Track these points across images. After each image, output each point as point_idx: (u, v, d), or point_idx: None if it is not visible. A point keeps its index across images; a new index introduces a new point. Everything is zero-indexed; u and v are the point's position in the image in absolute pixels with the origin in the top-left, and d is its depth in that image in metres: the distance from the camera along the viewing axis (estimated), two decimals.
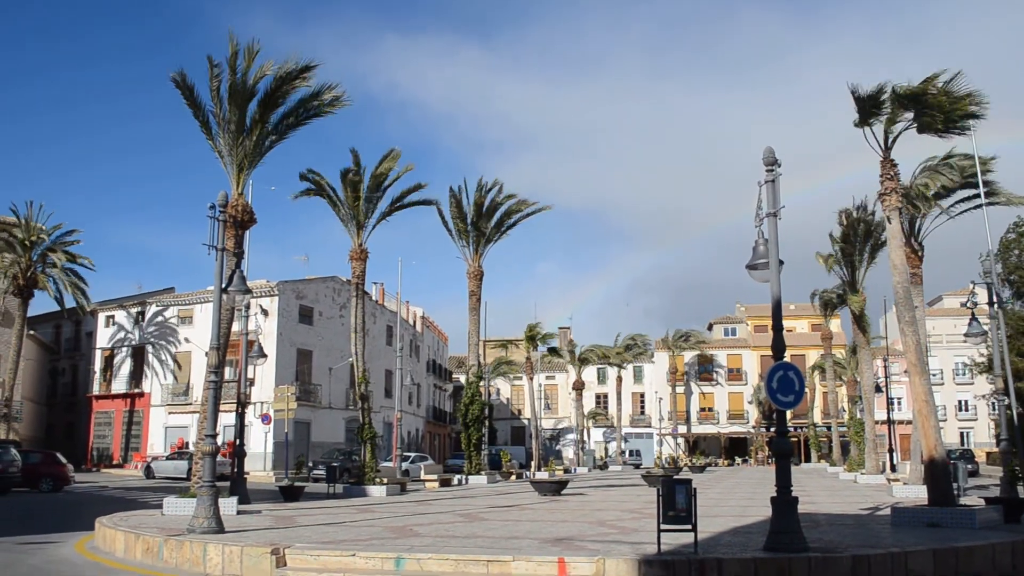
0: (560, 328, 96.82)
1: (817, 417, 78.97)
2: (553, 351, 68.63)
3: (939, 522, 15.25)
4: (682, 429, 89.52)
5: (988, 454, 69.24)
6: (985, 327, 23.65)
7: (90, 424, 59.53)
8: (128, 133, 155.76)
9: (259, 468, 46.87)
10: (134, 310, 59.36)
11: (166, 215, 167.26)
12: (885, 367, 48.68)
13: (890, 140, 17.85)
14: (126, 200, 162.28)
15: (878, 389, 43.60)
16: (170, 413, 55.09)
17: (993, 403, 56.95)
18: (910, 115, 17.44)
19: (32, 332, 60.18)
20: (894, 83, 17.04)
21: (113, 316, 60.41)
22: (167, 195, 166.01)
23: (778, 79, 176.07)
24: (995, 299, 22.95)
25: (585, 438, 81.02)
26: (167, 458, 46.41)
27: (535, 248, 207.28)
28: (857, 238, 36.24)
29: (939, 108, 17.02)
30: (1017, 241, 56.32)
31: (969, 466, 36.47)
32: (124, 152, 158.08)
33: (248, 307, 28.80)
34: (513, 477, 44.42)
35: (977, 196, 24.31)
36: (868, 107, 17.25)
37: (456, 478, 38.57)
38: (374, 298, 67.17)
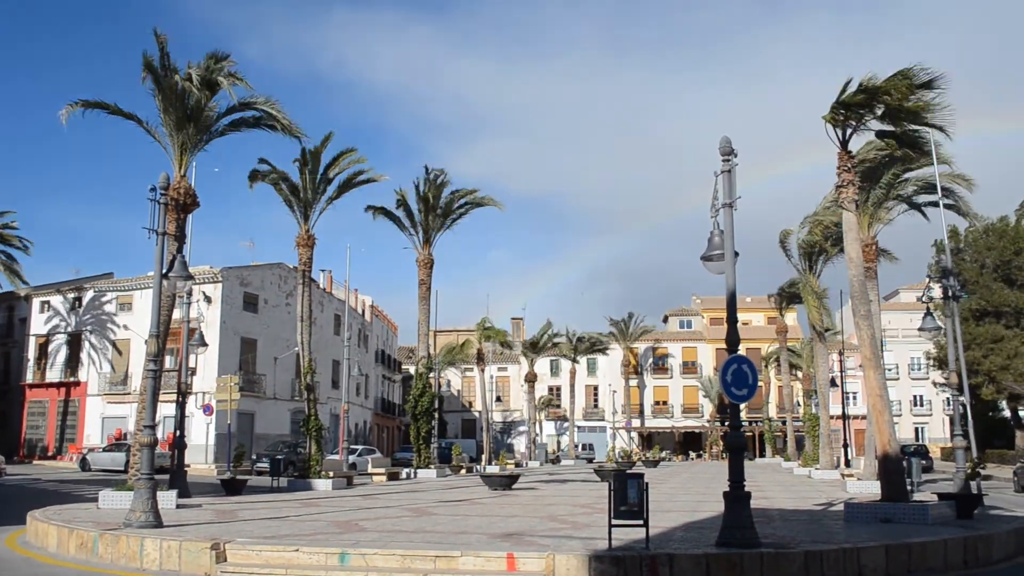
0: (513, 319, 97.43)
1: (772, 412, 79.84)
2: (505, 344, 68.66)
3: (892, 518, 15.49)
4: (636, 423, 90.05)
5: (943, 449, 70.65)
6: (940, 323, 24.08)
7: (23, 414, 58.53)
8: (58, 107, 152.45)
9: (200, 461, 46.44)
10: (70, 296, 58.43)
11: (104, 196, 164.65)
12: (840, 361, 49.39)
13: (847, 132, 18.02)
14: (59, 179, 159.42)
15: (833, 384, 44.21)
16: (107, 403, 54.38)
17: (947, 399, 58.14)
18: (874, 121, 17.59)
19: None
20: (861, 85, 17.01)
21: (48, 301, 59.47)
22: (105, 174, 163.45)
23: (740, 58, 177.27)
24: (951, 292, 23.28)
25: (537, 431, 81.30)
26: (104, 450, 45.87)
27: (487, 235, 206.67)
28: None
29: (903, 114, 17.12)
30: (954, 237, 57.71)
31: (923, 462, 37.10)
32: (56, 127, 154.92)
33: (190, 294, 28.49)
34: (463, 471, 44.47)
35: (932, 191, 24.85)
36: (845, 111, 17.26)
37: (404, 472, 38.52)
38: (321, 286, 66.82)
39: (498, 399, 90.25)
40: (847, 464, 43.31)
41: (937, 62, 16.88)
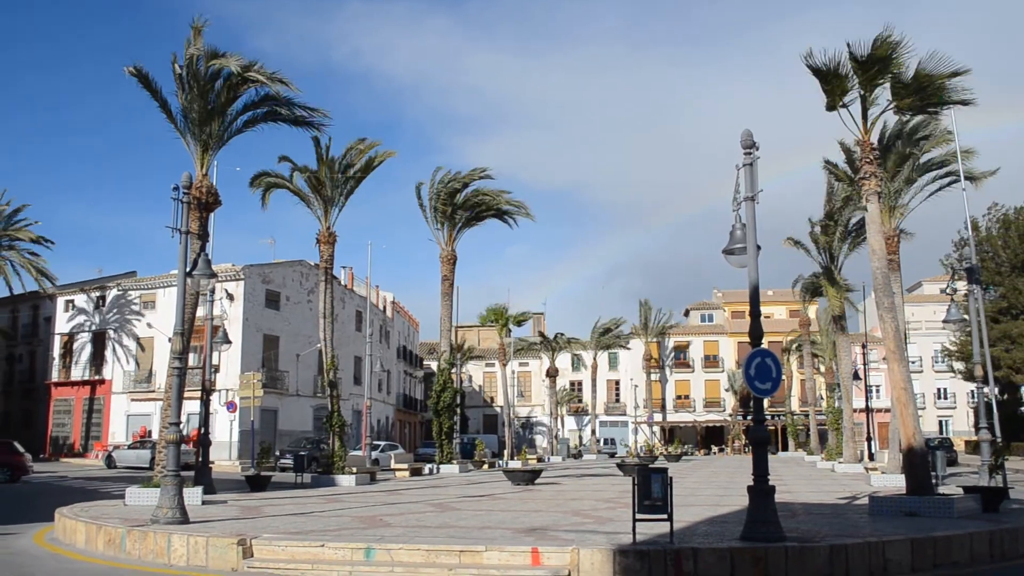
0: (534, 314, 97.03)
1: (795, 405, 79.46)
2: (507, 318, 68.28)
3: (917, 511, 15.43)
4: (658, 417, 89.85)
5: (967, 442, 70.12)
6: (964, 315, 23.91)
7: (49, 412, 59.12)
8: (83, 108, 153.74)
9: (224, 457, 46.72)
10: (95, 294, 58.91)
11: (127, 195, 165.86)
12: (863, 354, 49.11)
13: (868, 122, 17.90)
14: (83, 179, 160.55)
15: (856, 377, 43.95)
16: (132, 400, 54.74)
17: (972, 391, 57.68)
18: (886, 94, 17.45)
19: None
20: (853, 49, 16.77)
21: (73, 300, 59.97)
22: (128, 174, 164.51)
23: (762, 50, 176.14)
24: (973, 279, 23.09)
25: (559, 426, 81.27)
26: (129, 447, 46.20)
27: (506, 230, 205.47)
28: (836, 227, 36.49)
29: (914, 83, 16.97)
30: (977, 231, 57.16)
31: (948, 455, 36.88)
32: (80, 128, 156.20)
33: (213, 291, 28.69)
34: (486, 466, 44.51)
35: (954, 173, 24.71)
36: (834, 85, 17.08)
37: (427, 467, 38.59)
38: (343, 282, 66.95)
39: (520, 394, 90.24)
40: (871, 458, 43.08)
41: (966, 53, 16.58)
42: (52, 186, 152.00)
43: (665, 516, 11.17)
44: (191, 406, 37.33)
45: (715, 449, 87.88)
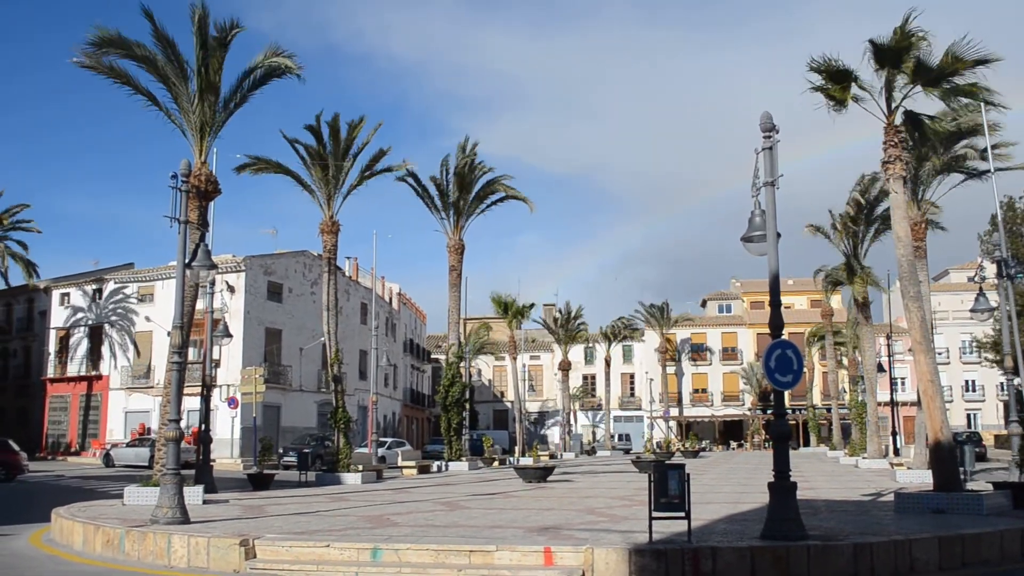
0: (545, 305, 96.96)
1: (816, 399, 79.38)
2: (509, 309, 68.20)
3: (945, 508, 15.38)
4: (674, 412, 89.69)
5: (996, 437, 69.93)
6: (993, 303, 23.78)
7: (44, 409, 59.36)
8: (76, 99, 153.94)
9: (226, 455, 46.79)
10: (91, 287, 59.06)
11: (124, 186, 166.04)
12: (888, 345, 49.00)
13: (893, 104, 17.83)
14: (79, 170, 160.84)
15: (880, 369, 43.86)
16: (130, 397, 54.94)
17: (1002, 383, 57.43)
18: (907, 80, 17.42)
19: None
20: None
21: (68, 294, 60.16)
22: (125, 164, 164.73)
23: (785, 33, 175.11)
24: (1004, 270, 22.97)
25: (572, 422, 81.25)
26: (127, 445, 46.34)
27: (516, 219, 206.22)
28: (863, 213, 36.32)
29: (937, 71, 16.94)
30: (1011, 217, 56.60)
31: (976, 449, 36.76)
32: (75, 120, 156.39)
33: (213, 283, 28.67)
34: (496, 463, 44.56)
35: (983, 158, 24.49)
36: (843, 82, 17.21)
37: (435, 464, 38.66)
38: (347, 274, 67.03)
39: (531, 388, 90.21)
40: (896, 453, 43.09)
41: (991, 30, 16.58)
42: (47, 178, 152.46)
43: (682, 514, 11.16)
44: (191, 402, 37.48)
45: (734, 444, 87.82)
